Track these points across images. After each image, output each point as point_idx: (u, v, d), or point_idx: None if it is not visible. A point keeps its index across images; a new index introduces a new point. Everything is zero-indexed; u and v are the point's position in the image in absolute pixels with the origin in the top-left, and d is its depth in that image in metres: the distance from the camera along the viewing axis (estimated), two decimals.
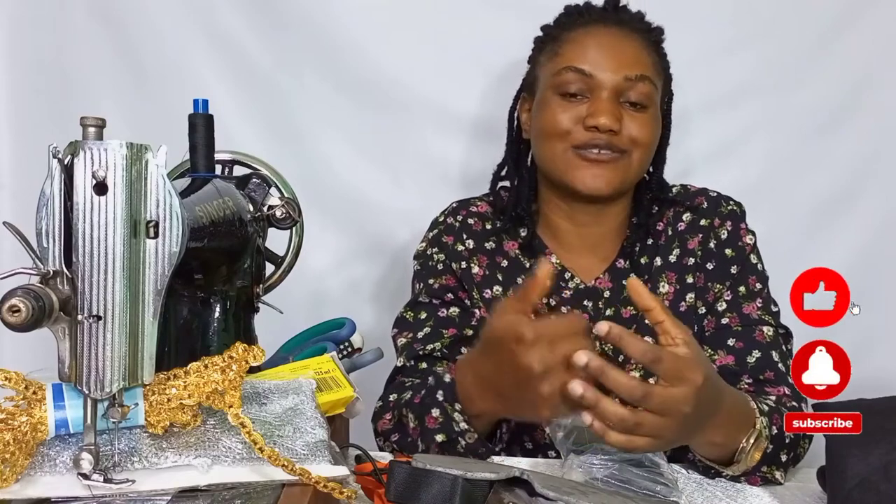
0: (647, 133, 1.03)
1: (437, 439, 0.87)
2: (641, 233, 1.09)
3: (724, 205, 1.09)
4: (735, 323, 1.03)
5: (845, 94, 1.45)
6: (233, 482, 0.64)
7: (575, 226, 1.10)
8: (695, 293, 1.05)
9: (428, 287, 1.09)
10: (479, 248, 1.11)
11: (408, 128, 1.49)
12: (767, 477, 0.87)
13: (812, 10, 1.43)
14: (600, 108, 1.00)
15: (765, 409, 0.88)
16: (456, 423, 0.87)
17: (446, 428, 0.87)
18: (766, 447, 0.85)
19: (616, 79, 1.01)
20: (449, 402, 0.88)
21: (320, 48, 1.47)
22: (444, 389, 0.89)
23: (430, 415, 0.89)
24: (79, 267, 0.58)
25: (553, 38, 1.08)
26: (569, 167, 1.04)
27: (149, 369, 0.61)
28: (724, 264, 1.06)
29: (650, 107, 1.04)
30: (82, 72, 1.49)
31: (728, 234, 1.07)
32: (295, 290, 1.09)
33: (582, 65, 1.02)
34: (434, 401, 0.89)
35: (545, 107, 1.05)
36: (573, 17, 1.08)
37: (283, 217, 0.94)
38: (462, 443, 0.87)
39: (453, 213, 1.14)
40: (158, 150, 0.60)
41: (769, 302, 1.05)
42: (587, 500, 0.65)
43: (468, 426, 0.87)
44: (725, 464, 0.86)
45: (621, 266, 1.09)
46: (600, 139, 1.01)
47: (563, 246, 1.11)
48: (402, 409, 0.94)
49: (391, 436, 0.95)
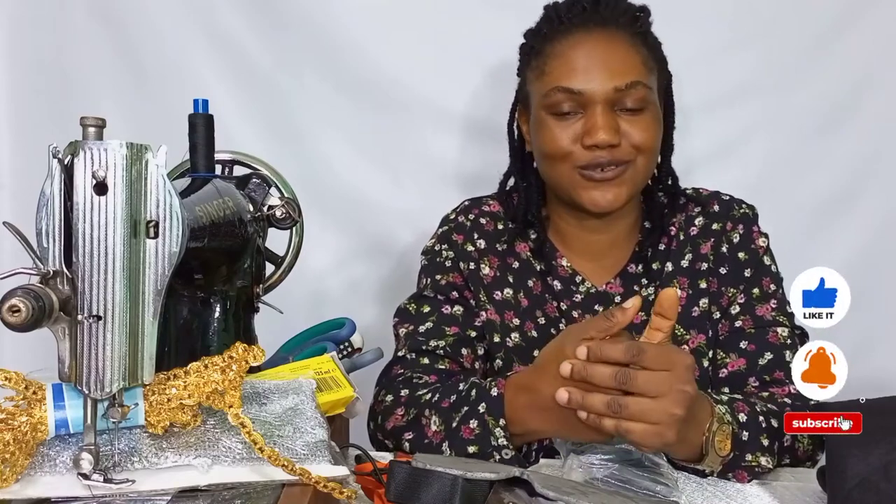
0: (649, 136, 1.01)
1: (470, 450, 0.87)
2: (655, 236, 1.08)
3: (737, 208, 1.08)
4: (748, 325, 1.02)
5: (845, 94, 1.45)
6: (233, 482, 0.64)
7: (584, 232, 1.09)
8: (708, 298, 1.05)
9: (434, 282, 1.09)
10: (490, 249, 1.10)
11: (408, 128, 1.49)
12: (754, 467, 0.86)
13: (812, 10, 1.43)
14: (596, 125, 0.98)
15: (723, 399, 0.88)
16: (495, 437, 0.86)
17: (482, 441, 0.86)
18: (738, 433, 0.85)
19: (606, 90, 0.98)
20: (493, 416, 0.87)
21: (320, 48, 1.47)
22: (489, 403, 0.87)
23: (466, 425, 0.87)
24: (79, 267, 0.58)
25: (537, 53, 1.05)
26: (576, 187, 1.02)
27: (149, 369, 0.61)
28: (738, 268, 1.05)
29: (647, 108, 1.01)
30: (82, 72, 1.49)
31: (741, 238, 1.06)
32: (295, 290, 1.09)
33: (570, 83, 0.99)
34: (474, 412, 0.88)
35: (541, 128, 1.03)
36: (553, 25, 1.04)
37: (283, 217, 0.94)
38: (496, 457, 0.86)
39: (465, 211, 1.13)
40: (158, 150, 0.60)
41: (784, 303, 1.04)
42: (587, 500, 0.65)
43: (507, 443, 0.86)
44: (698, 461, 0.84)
45: (633, 271, 1.08)
46: (602, 156, 0.99)
47: (573, 250, 1.10)
48: (424, 410, 0.92)
49: (404, 433, 0.92)
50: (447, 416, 0.89)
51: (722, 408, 0.85)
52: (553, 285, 1.08)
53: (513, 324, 1.07)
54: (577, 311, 1.07)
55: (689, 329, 1.03)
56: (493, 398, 0.88)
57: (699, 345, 1.03)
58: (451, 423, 0.88)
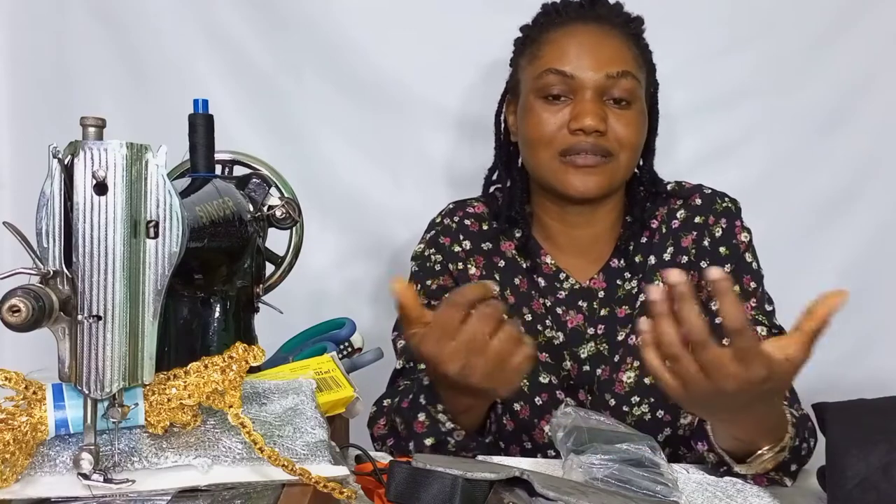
0: (634, 132, 1.03)
1: (427, 443, 0.88)
2: (636, 229, 1.09)
3: (719, 202, 1.08)
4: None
5: (845, 94, 1.45)
6: (233, 482, 0.64)
7: (567, 227, 1.10)
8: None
9: (426, 288, 1.10)
10: (475, 249, 1.11)
11: (408, 128, 1.49)
12: (776, 479, 0.86)
13: (812, 10, 1.43)
14: (584, 110, 1.00)
15: (794, 421, 0.85)
16: (441, 423, 0.88)
17: (433, 431, 0.88)
18: (784, 457, 0.84)
19: (598, 77, 1.01)
20: (431, 403, 0.88)
21: (320, 48, 1.47)
22: (425, 392, 0.90)
23: (416, 420, 0.89)
24: (79, 267, 0.58)
25: (532, 41, 1.07)
26: (557, 173, 1.03)
27: (149, 369, 0.61)
28: (718, 262, 1.05)
29: (635, 102, 1.03)
30: (82, 72, 1.49)
31: (723, 232, 1.06)
32: (295, 290, 1.09)
33: (562, 66, 1.01)
34: (418, 405, 0.90)
35: (529, 112, 1.05)
36: (551, 17, 1.07)
37: (283, 217, 0.94)
38: (451, 441, 0.88)
39: (450, 214, 1.14)
40: (158, 150, 0.60)
41: (763, 301, 1.05)
42: (587, 500, 0.64)
43: (454, 424, 0.88)
44: (738, 460, 0.84)
45: (615, 265, 1.09)
46: (586, 142, 1.01)
47: (556, 246, 1.11)
48: (393, 415, 0.94)
49: (387, 440, 0.96)
50: (407, 417, 0.91)
51: (792, 432, 0.83)
52: (538, 282, 1.09)
53: None
54: (562, 308, 1.08)
55: None
56: (426, 386, 0.90)
57: None
58: (411, 422, 0.90)
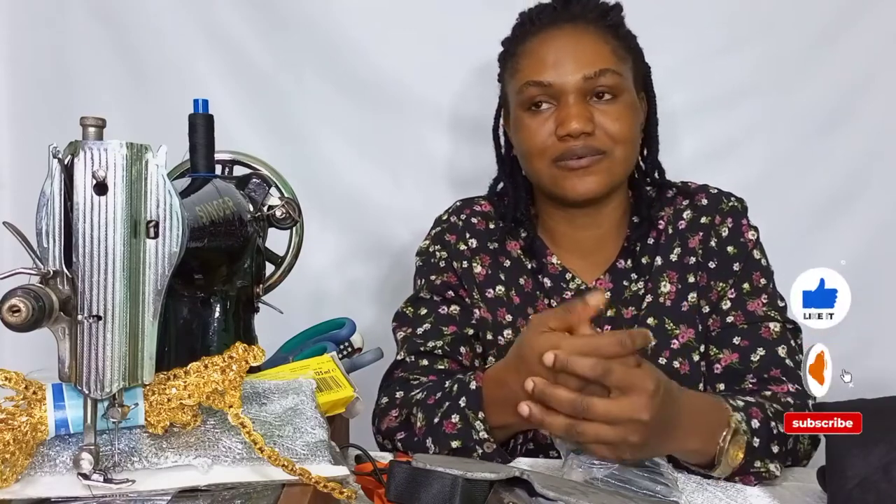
0: (624, 125, 1.02)
1: (453, 445, 0.88)
2: (644, 229, 1.08)
3: (725, 201, 1.08)
4: (740, 321, 1.02)
5: (845, 94, 1.45)
6: (233, 482, 0.64)
7: (573, 229, 1.10)
8: (697, 293, 1.05)
9: (429, 283, 1.10)
10: (481, 248, 1.11)
11: (408, 128, 1.49)
12: (762, 473, 0.86)
13: (811, 10, 1.43)
14: (569, 114, 1.00)
15: (739, 405, 0.87)
16: (476, 431, 0.87)
17: (464, 435, 0.87)
18: (750, 441, 0.84)
19: (576, 80, 1.00)
20: (472, 409, 0.87)
21: (320, 48, 1.47)
22: (468, 396, 0.88)
23: (448, 420, 0.88)
24: (79, 267, 0.58)
25: (511, 55, 1.08)
26: (555, 180, 1.03)
27: (149, 369, 0.61)
28: (727, 262, 1.05)
29: (621, 95, 1.02)
30: (82, 72, 1.49)
31: (729, 232, 1.06)
32: (295, 290, 1.09)
33: (540, 76, 1.01)
34: (455, 407, 0.89)
35: (519, 126, 1.05)
36: (525, 27, 1.07)
37: (283, 217, 0.94)
38: (479, 451, 0.87)
39: (457, 211, 1.14)
40: (158, 150, 0.60)
41: (775, 297, 1.04)
42: (587, 500, 0.65)
43: (488, 436, 0.87)
44: (710, 467, 0.85)
45: (622, 266, 1.09)
46: (576, 146, 1.00)
47: (562, 247, 1.11)
48: (413, 409, 0.93)
49: (396, 434, 0.95)
50: (430, 412, 0.90)
51: (738, 416, 0.85)
52: (543, 283, 1.09)
53: (505, 321, 1.07)
54: None
55: (678, 324, 1.03)
56: (472, 391, 0.89)
57: (689, 339, 1.03)
58: (434, 419, 0.89)
